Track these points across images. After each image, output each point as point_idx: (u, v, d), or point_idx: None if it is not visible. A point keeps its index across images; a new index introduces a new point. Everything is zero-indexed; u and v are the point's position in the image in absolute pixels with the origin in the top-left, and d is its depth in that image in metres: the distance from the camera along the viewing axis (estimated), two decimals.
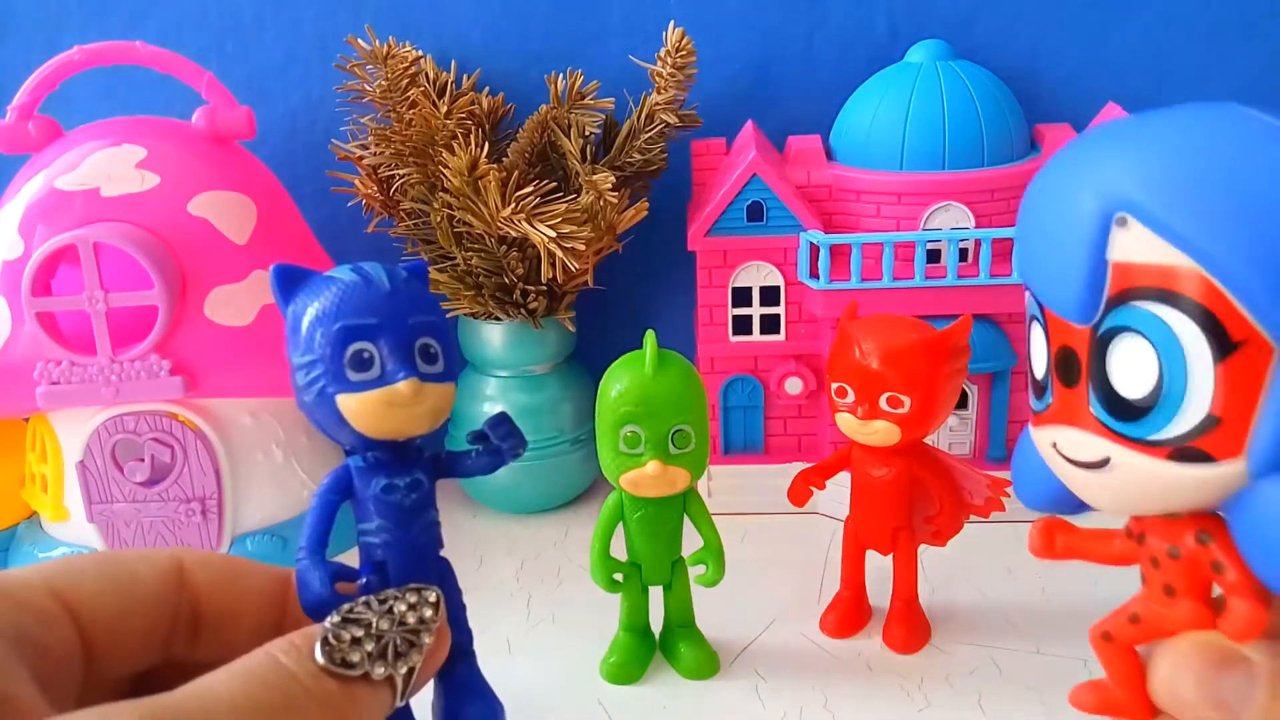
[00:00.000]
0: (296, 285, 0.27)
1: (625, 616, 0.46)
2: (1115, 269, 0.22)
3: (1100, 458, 0.23)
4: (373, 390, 0.25)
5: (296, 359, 0.26)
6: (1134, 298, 0.22)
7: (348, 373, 0.25)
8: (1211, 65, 0.60)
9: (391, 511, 0.27)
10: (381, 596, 0.24)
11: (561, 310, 0.57)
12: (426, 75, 0.58)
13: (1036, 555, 0.27)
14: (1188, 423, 0.21)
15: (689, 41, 0.55)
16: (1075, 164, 0.23)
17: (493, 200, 0.50)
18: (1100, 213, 0.22)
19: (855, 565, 0.48)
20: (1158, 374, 0.22)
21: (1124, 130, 0.23)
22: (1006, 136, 0.55)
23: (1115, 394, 0.22)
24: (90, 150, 0.51)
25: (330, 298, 0.26)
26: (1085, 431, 0.23)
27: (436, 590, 0.24)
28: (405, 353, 0.26)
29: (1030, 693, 0.43)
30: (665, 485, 0.42)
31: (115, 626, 0.22)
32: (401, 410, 0.26)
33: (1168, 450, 0.22)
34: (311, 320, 0.26)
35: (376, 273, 0.27)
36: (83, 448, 0.51)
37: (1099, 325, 0.22)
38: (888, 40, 0.61)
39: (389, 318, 0.26)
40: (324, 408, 0.26)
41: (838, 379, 0.44)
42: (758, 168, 0.54)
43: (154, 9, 0.63)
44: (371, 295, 0.26)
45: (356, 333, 0.25)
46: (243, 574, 0.25)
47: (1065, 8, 0.60)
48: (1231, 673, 0.23)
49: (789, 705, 0.43)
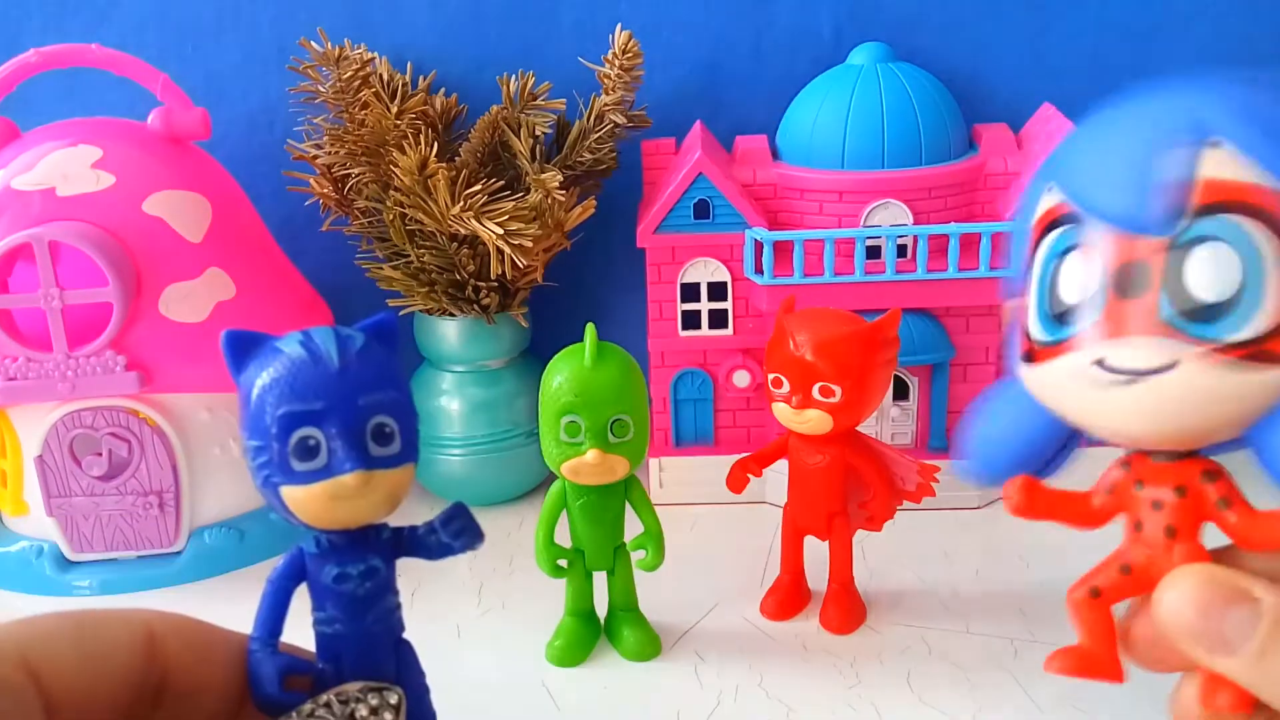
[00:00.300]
0: (247, 353, 0.24)
1: (570, 601, 0.47)
2: (1205, 185, 0.24)
3: (1168, 361, 0.24)
4: (317, 483, 0.24)
5: (245, 440, 0.24)
6: (1220, 210, 0.24)
7: (292, 462, 0.23)
8: (1146, 67, 0.62)
9: (344, 601, 0.25)
10: (342, 697, 0.23)
11: (515, 306, 0.59)
12: (380, 77, 0.60)
13: (1017, 513, 0.27)
14: (1262, 324, 0.24)
15: (636, 44, 0.56)
16: (1160, 103, 0.26)
17: (442, 198, 0.52)
18: (1193, 136, 0.24)
19: (794, 550, 0.49)
20: (1240, 278, 0.24)
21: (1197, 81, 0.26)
22: (944, 136, 0.57)
23: (1193, 298, 0.24)
24: (47, 150, 0.52)
25: (275, 376, 0.24)
26: (1150, 337, 0.24)
27: (399, 692, 0.24)
28: (355, 438, 0.24)
29: (958, 670, 0.44)
30: (605, 473, 0.43)
31: (83, 700, 0.21)
32: (347, 503, 0.24)
33: (1241, 351, 0.24)
34: (257, 401, 0.24)
35: (326, 346, 0.24)
36: (41, 443, 0.52)
37: (1182, 235, 0.24)
38: (832, 43, 0.62)
39: (337, 400, 0.24)
40: (271, 496, 0.24)
41: (774, 370, 0.45)
42: (703, 167, 0.56)
43: (114, 12, 0.64)
44: (318, 374, 0.24)
45: (300, 419, 0.23)
46: (213, 645, 0.24)
47: (1004, 12, 0.62)
48: (1238, 608, 0.24)
49: (726, 684, 0.44)
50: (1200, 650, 0.24)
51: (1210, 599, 0.24)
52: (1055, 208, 0.27)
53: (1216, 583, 0.25)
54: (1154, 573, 0.26)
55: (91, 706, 0.21)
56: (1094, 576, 0.27)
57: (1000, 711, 0.42)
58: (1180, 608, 0.25)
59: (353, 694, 0.23)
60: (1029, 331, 0.27)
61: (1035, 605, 0.48)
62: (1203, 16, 0.61)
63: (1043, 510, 0.27)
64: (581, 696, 0.44)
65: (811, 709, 0.42)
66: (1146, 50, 0.62)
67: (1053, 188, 0.27)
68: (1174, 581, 0.25)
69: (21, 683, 0.20)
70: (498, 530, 0.58)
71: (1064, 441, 0.28)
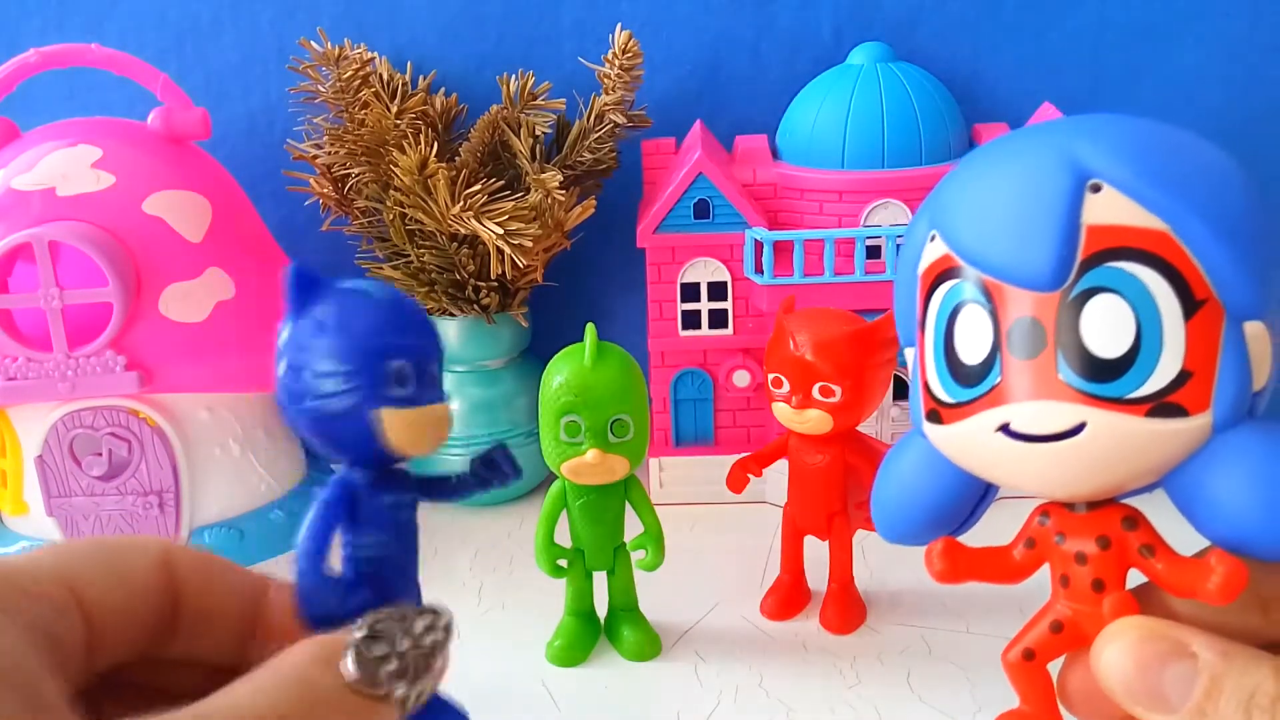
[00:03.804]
0: (316, 291, 0.26)
1: (570, 601, 0.47)
2: (1089, 231, 0.23)
3: (1073, 424, 0.23)
4: (414, 408, 0.25)
5: (327, 366, 0.25)
6: (1109, 259, 0.23)
7: (391, 389, 0.25)
8: (1144, 67, 0.62)
9: (395, 527, 0.27)
10: (400, 613, 0.23)
11: (515, 306, 0.59)
12: (380, 77, 0.60)
13: (940, 580, 0.26)
14: (1164, 377, 0.23)
15: (635, 44, 0.56)
16: (1031, 145, 0.25)
17: (442, 198, 0.52)
18: (1073, 181, 0.23)
19: (794, 550, 0.49)
20: (1135, 330, 0.23)
21: (1072, 120, 0.25)
22: (944, 136, 0.57)
23: (1090, 355, 0.23)
24: (47, 150, 0.52)
25: (372, 311, 0.25)
26: (1052, 401, 0.23)
27: (450, 614, 0.24)
28: (433, 374, 0.26)
29: (957, 670, 0.44)
30: (605, 473, 0.43)
31: (117, 618, 0.21)
32: (433, 430, 0.26)
33: (1146, 407, 0.23)
34: (348, 330, 0.25)
35: (401, 294, 0.27)
36: (41, 443, 0.52)
37: (1071, 288, 0.23)
38: (832, 43, 0.62)
39: (419, 337, 0.26)
40: (353, 421, 0.25)
41: (774, 370, 0.46)
42: (703, 166, 0.56)
43: (114, 12, 0.64)
44: (404, 314, 0.26)
45: (400, 350, 0.25)
46: (223, 572, 0.24)
47: (1004, 12, 0.62)
48: (1175, 665, 0.23)
49: (726, 684, 0.44)
50: (1139, 709, 0.24)
51: (1148, 656, 0.23)
52: (941, 259, 0.25)
53: (1155, 638, 0.24)
54: (1085, 628, 0.25)
55: (122, 624, 0.21)
56: (1025, 637, 0.27)
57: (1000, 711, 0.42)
58: (1119, 665, 0.24)
59: (410, 612, 0.24)
60: (932, 390, 0.26)
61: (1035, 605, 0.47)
62: (1203, 16, 0.61)
63: (966, 572, 0.27)
64: (581, 696, 0.44)
65: (811, 709, 0.42)
66: (1146, 50, 0.62)
67: (935, 236, 0.26)
68: (1111, 638, 0.24)
69: (65, 598, 0.20)
70: (497, 531, 0.58)
71: (981, 495, 0.27)
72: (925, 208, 0.27)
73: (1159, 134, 0.24)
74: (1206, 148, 0.25)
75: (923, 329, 0.26)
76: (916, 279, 0.27)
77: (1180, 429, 0.23)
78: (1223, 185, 0.24)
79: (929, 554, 0.27)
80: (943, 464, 0.26)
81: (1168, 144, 0.24)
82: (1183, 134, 0.25)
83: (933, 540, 0.27)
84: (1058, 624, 0.26)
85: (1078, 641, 0.26)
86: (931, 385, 0.26)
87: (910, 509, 0.27)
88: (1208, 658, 0.23)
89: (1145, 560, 0.25)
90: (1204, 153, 0.24)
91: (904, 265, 0.27)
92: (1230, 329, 0.23)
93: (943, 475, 0.27)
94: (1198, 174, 0.23)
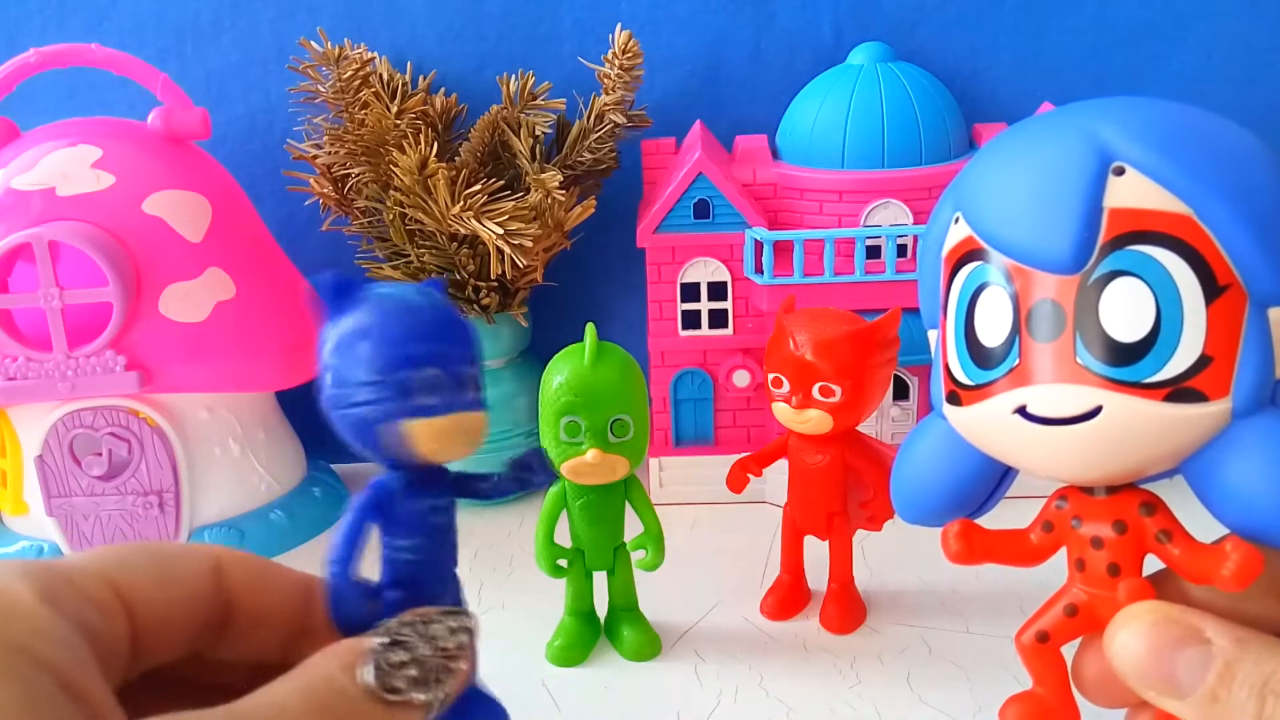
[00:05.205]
0: (350, 297, 0.26)
1: (570, 601, 0.47)
2: (1111, 215, 0.23)
3: (1090, 407, 0.23)
4: (442, 416, 0.25)
5: (359, 375, 0.25)
6: (1130, 242, 0.23)
7: (419, 397, 0.25)
8: (1145, 66, 0.62)
9: (431, 531, 0.27)
10: (424, 617, 0.24)
11: (515, 306, 0.59)
12: (380, 76, 0.60)
13: (956, 560, 0.27)
14: (1184, 362, 0.22)
15: (635, 44, 0.56)
16: (1056, 128, 0.25)
17: (442, 198, 0.52)
18: (1097, 164, 0.23)
19: (794, 550, 0.49)
20: (1155, 314, 0.22)
21: (1097, 103, 0.25)
22: (944, 136, 0.57)
23: (1109, 338, 0.23)
24: (46, 150, 0.52)
25: (402, 318, 0.25)
26: (1069, 384, 0.23)
27: (474, 617, 0.25)
28: (466, 380, 0.26)
29: (957, 670, 0.44)
30: (605, 473, 0.43)
31: (162, 622, 0.22)
32: (464, 436, 0.26)
33: (1164, 391, 0.23)
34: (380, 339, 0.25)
35: (437, 297, 0.26)
36: (41, 442, 0.52)
37: (1092, 271, 0.23)
38: (832, 43, 0.62)
39: (452, 343, 0.26)
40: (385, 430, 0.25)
41: (774, 369, 0.45)
42: (703, 166, 0.55)
43: (114, 11, 0.64)
44: (437, 319, 0.26)
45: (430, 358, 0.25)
46: (273, 576, 0.25)
47: (1004, 12, 0.62)
48: (1189, 651, 0.23)
49: (726, 684, 0.44)
50: (1151, 693, 0.24)
51: (1162, 641, 0.23)
52: (964, 241, 0.26)
53: (1169, 623, 0.24)
54: (1100, 612, 0.25)
55: (168, 629, 0.22)
56: (1040, 619, 0.27)
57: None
58: (1132, 649, 0.24)
59: (433, 615, 0.24)
60: (952, 372, 0.26)
61: (1035, 605, 0.48)
62: (1203, 16, 0.61)
63: (982, 554, 0.27)
64: (581, 696, 0.44)
65: (811, 709, 0.42)
66: (1146, 50, 0.62)
67: (959, 219, 0.26)
68: (1125, 621, 0.24)
69: (110, 600, 0.21)
70: (497, 530, 0.58)
71: (999, 478, 0.27)
72: (951, 190, 0.27)
73: (1184, 117, 0.24)
74: (1234, 131, 0.24)
75: (945, 311, 0.26)
76: (941, 261, 0.27)
77: (1198, 414, 0.23)
78: (1249, 170, 0.23)
79: (945, 535, 0.27)
80: (962, 446, 0.27)
81: (1193, 127, 0.24)
82: (1210, 117, 0.24)
83: (950, 522, 0.27)
84: (1072, 607, 0.26)
85: (1092, 625, 0.26)
86: (951, 367, 0.26)
87: (929, 490, 0.27)
88: (1222, 643, 0.23)
89: (1161, 546, 0.25)
90: (1231, 136, 0.24)
91: (929, 247, 0.27)
92: (1254, 315, 0.23)
93: (962, 457, 0.27)
94: (1223, 158, 0.23)
